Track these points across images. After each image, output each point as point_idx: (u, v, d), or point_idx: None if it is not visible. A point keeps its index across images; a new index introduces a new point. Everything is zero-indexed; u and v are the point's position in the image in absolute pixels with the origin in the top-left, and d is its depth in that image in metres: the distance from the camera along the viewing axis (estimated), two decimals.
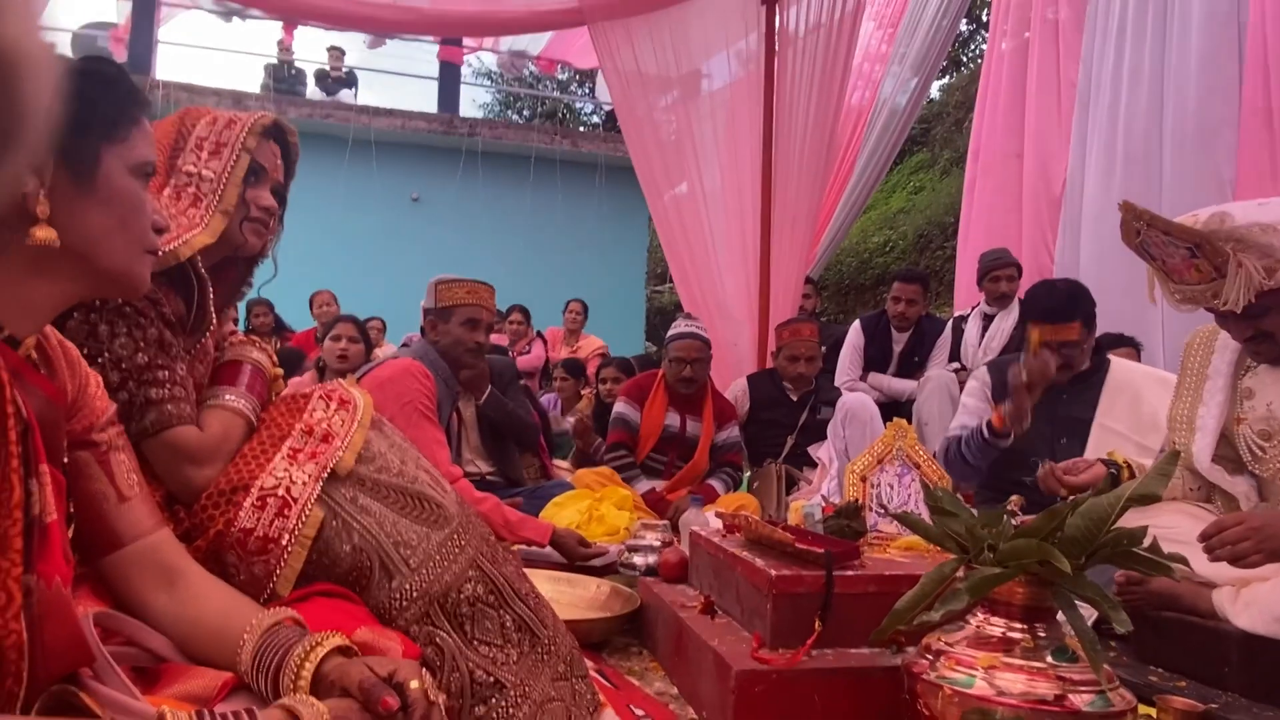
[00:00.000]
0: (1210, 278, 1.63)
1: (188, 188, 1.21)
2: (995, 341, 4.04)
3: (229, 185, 1.22)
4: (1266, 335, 1.67)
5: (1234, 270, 1.59)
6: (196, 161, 1.23)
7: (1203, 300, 1.68)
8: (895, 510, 1.77)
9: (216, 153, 1.23)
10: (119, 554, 0.93)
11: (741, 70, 4.67)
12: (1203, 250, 1.62)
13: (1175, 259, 1.68)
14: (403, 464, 1.26)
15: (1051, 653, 1.11)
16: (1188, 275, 1.68)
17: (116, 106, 0.86)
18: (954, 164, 10.35)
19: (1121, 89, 4.17)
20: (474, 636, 1.19)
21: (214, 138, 1.24)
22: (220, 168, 1.22)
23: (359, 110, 9.10)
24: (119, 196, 0.84)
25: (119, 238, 0.84)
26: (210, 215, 1.21)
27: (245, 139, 1.24)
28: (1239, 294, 1.59)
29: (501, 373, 3.33)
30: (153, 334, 1.12)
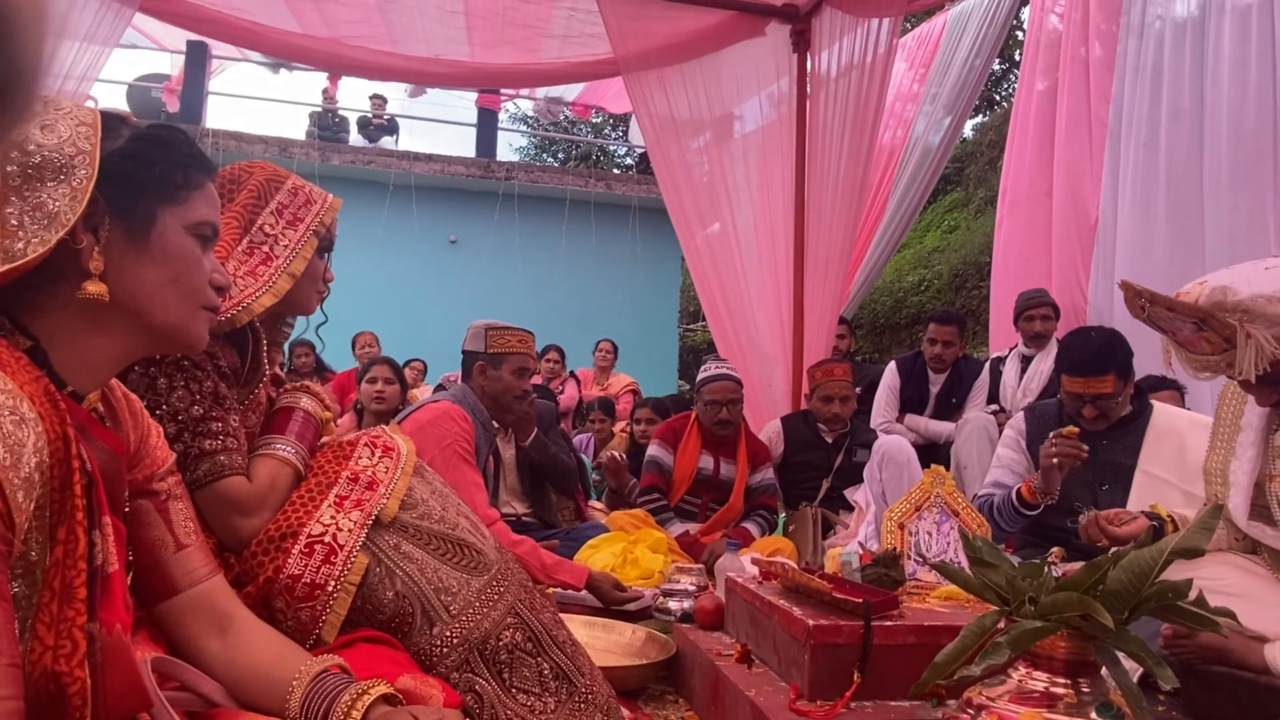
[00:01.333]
0: (1221, 348, 1.61)
1: (262, 246, 1.30)
2: (1034, 383, 3.98)
3: (298, 256, 1.31)
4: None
5: (1243, 341, 1.56)
6: (274, 225, 1.32)
7: (1219, 369, 1.65)
8: (934, 560, 1.75)
9: (293, 224, 1.33)
10: (175, 600, 0.96)
11: (774, 112, 4.73)
12: (1209, 324, 1.60)
13: (1185, 332, 1.66)
14: (444, 510, 1.29)
15: (1096, 709, 1.09)
16: (1199, 346, 1.66)
17: (176, 169, 0.91)
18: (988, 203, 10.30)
19: (1160, 127, 4.15)
20: (512, 684, 1.20)
21: (293, 209, 1.34)
22: (295, 238, 1.32)
23: (400, 156, 9.36)
24: (174, 254, 0.88)
25: (171, 293, 0.88)
26: (278, 277, 1.28)
27: (318, 225, 1.35)
28: (1251, 365, 1.56)
29: (543, 415, 3.37)
30: (208, 387, 1.17)
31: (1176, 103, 4.06)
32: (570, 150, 17.21)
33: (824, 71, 4.42)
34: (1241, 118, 3.72)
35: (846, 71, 4.36)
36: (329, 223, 1.36)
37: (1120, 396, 2.48)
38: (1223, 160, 3.77)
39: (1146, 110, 4.25)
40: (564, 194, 9.64)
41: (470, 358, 2.55)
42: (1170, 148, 4.07)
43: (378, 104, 9.95)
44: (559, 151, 17.63)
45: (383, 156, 9.31)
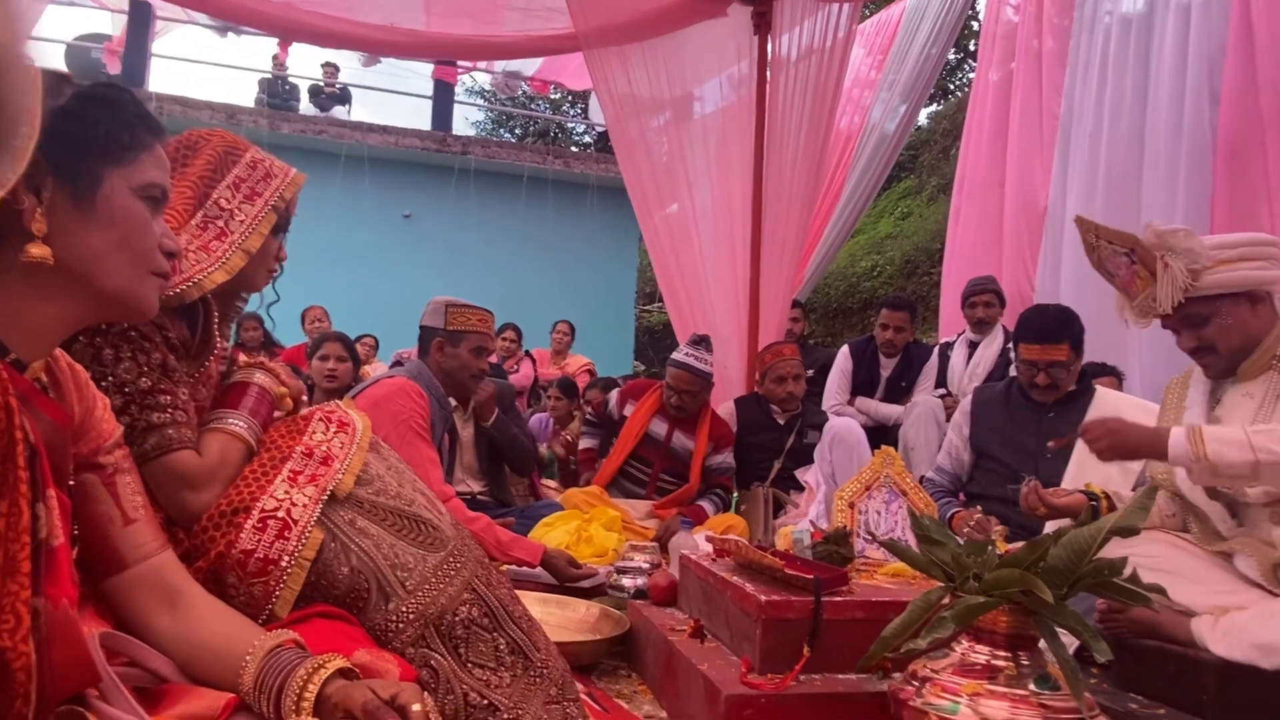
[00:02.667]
0: (1149, 283, 1.78)
1: (217, 220, 1.25)
2: (980, 368, 4.09)
3: (254, 232, 1.27)
4: (1209, 347, 1.80)
5: (1161, 271, 1.74)
6: (230, 200, 1.28)
7: (1149, 309, 1.81)
8: (883, 537, 1.80)
9: (251, 199, 1.29)
10: (122, 575, 0.94)
11: (733, 94, 4.73)
12: (1137, 254, 1.77)
13: (1122, 269, 1.84)
14: (400, 486, 1.28)
15: (1034, 681, 1.13)
16: (1134, 285, 1.83)
17: (123, 129, 0.88)
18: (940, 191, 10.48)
19: (1103, 121, 4.26)
20: (468, 659, 1.21)
21: (251, 183, 1.29)
22: (253, 214, 1.28)
23: (352, 126, 9.15)
24: (121, 217, 0.85)
25: (119, 258, 0.85)
26: (232, 253, 1.25)
27: (277, 200, 1.30)
28: (1169, 294, 1.73)
29: (502, 395, 3.37)
30: (156, 358, 1.14)
31: (1119, 97, 4.17)
32: (528, 126, 17.00)
33: (784, 54, 4.43)
34: (1180, 113, 3.84)
35: (806, 55, 4.38)
36: (289, 198, 1.32)
37: (1071, 366, 2.63)
38: (1161, 155, 3.89)
39: (1093, 104, 4.36)
40: (521, 170, 9.54)
41: (428, 333, 2.53)
42: (1111, 141, 4.19)
43: (330, 72, 9.70)
44: (516, 127, 17.40)
45: (335, 127, 9.10)
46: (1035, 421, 2.71)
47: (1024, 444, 2.70)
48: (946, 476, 2.90)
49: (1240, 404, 1.82)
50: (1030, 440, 2.69)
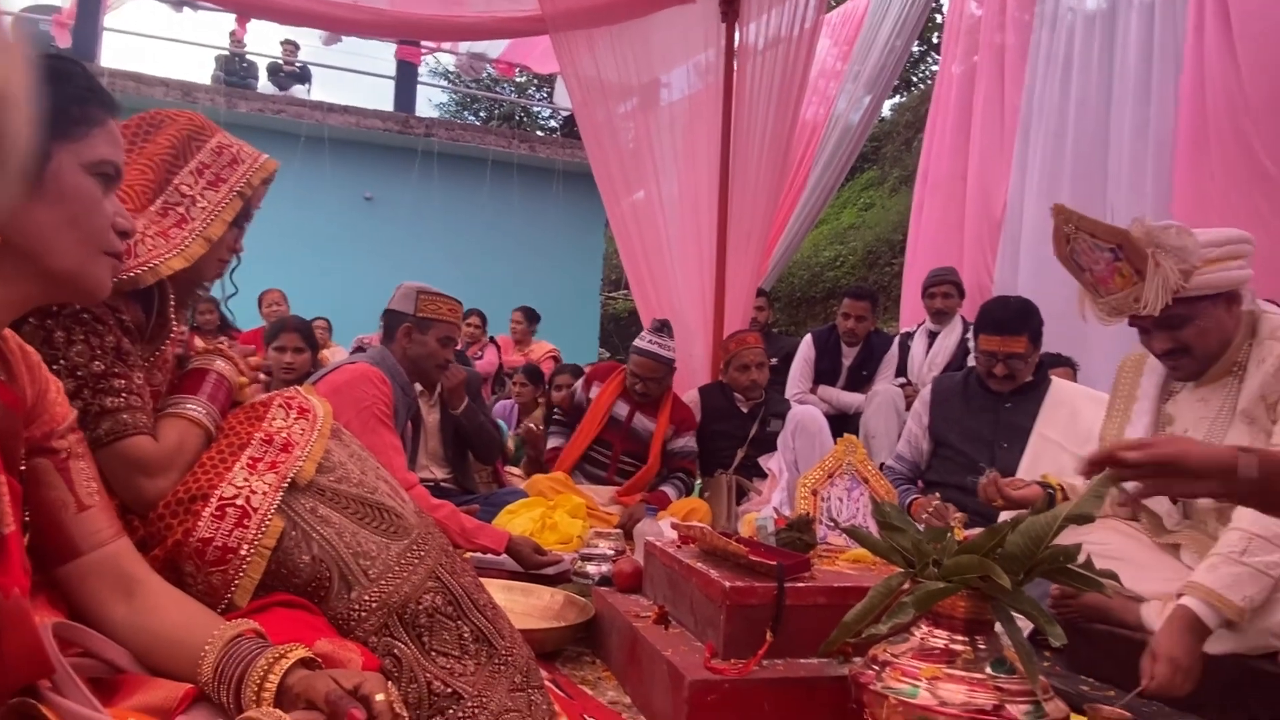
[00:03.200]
0: (1132, 282, 1.70)
1: (177, 207, 1.21)
2: (939, 358, 4.15)
3: (217, 220, 1.24)
4: (1184, 349, 1.75)
5: (1152, 270, 1.65)
6: (193, 185, 1.24)
7: (1126, 308, 1.74)
8: (845, 524, 1.82)
9: (215, 185, 1.25)
10: (77, 563, 0.92)
11: (700, 82, 4.73)
12: (1124, 252, 1.68)
13: (1100, 265, 1.75)
14: (363, 474, 1.27)
15: (991, 664, 1.16)
16: (1112, 282, 1.74)
17: (74, 103, 0.85)
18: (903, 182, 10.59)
19: (1068, 117, 4.33)
20: (432, 647, 1.20)
21: (216, 169, 1.25)
22: (216, 200, 1.24)
23: (312, 106, 8.96)
24: (71, 195, 0.83)
25: (69, 236, 0.83)
26: (192, 240, 1.21)
27: (244, 186, 1.26)
28: (1158, 294, 1.66)
29: (469, 383, 3.34)
30: (110, 341, 1.11)
31: (1084, 94, 4.25)
32: (493, 109, 16.81)
33: (751, 43, 4.44)
34: (1144, 111, 3.92)
35: (773, 44, 4.38)
36: (257, 184, 1.28)
37: (1029, 358, 2.68)
38: (1125, 152, 3.97)
39: (1056, 100, 4.43)
40: (486, 154, 9.43)
41: (396, 318, 2.50)
42: (1077, 138, 4.26)
43: (289, 50, 9.49)
44: (481, 110, 17.20)
45: (294, 106, 8.91)
46: (992, 411, 2.77)
47: (981, 433, 2.75)
48: (906, 464, 2.95)
49: (1194, 408, 1.83)
50: (987, 430, 2.75)
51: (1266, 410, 1.70)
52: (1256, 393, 1.71)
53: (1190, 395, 1.86)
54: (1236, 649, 1.57)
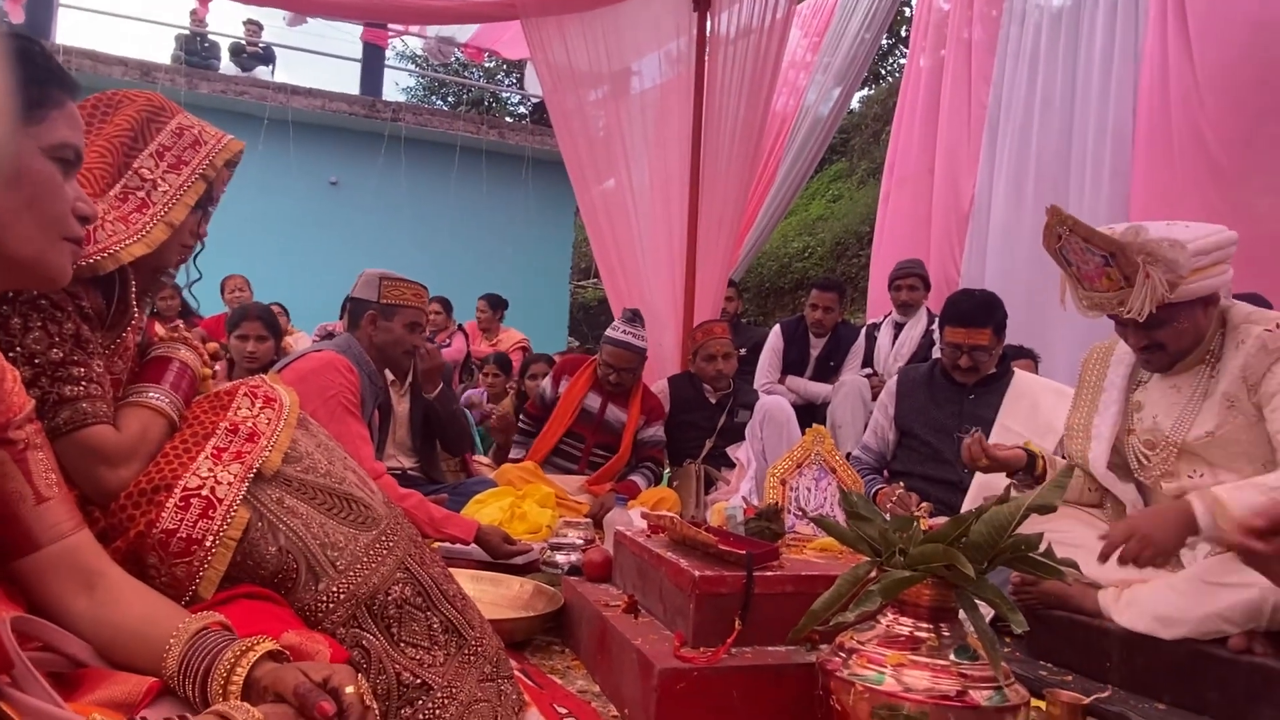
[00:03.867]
0: (1119, 286, 1.74)
1: (138, 191, 1.18)
2: (905, 349, 4.21)
3: (179, 204, 1.21)
4: (1159, 346, 1.81)
5: (1141, 280, 1.70)
6: (153, 169, 1.20)
7: (1109, 307, 1.80)
8: (813, 514, 1.84)
9: (176, 168, 1.21)
10: (36, 557, 0.90)
11: (672, 71, 4.71)
12: (1116, 260, 1.72)
13: (1089, 266, 1.79)
14: (330, 464, 1.25)
15: (954, 651, 1.18)
16: (1099, 282, 1.79)
17: (33, 85, 0.83)
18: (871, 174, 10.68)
19: (1034, 114, 4.40)
20: (401, 638, 1.19)
21: (177, 151, 1.22)
22: (177, 184, 1.21)
23: (276, 88, 8.79)
24: (29, 179, 0.81)
25: (28, 221, 0.81)
26: (153, 225, 1.18)
27: (207, 168, 1.23)
28: (1144, 304, 1.70)
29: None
30: (69, 329, 1.08)
31: (1049, 90, 4.31)
32: (461, 94, 16.62)
33: (723, 33, 4.44)
34: (1106, 108, 3.99)
35: (744, 34, 4.39)
36: (220, 165, 1.25)
37: (993, 350, 2.73)
38: (1089, 148, 4.04)
39: (1023, 96, 4.49)
40: (454, 140, 9.32)
41: (360, 306, 2.47)
42: (1042, 134, 4.33)
43: (252, 31, 9.28)
44: (449, 95, 17.00)
45: (257, 88, 8.72)
46: (956, 402, 2.82)
47: (945, 424, 2.80)
48: (872, 455, 2.99)
49: (1165, 395, 1.87)
50: (951, 420, 2.80)
51: (1248, 391, 1.74)
52: (1237, 374, 1.75)
53: (1161, 382, 1.90)
54: (1189, 634, 1.62)
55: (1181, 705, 1.60)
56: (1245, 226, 3.22)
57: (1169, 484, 1.86)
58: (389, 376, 3.13)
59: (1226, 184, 3.42)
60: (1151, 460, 1.89)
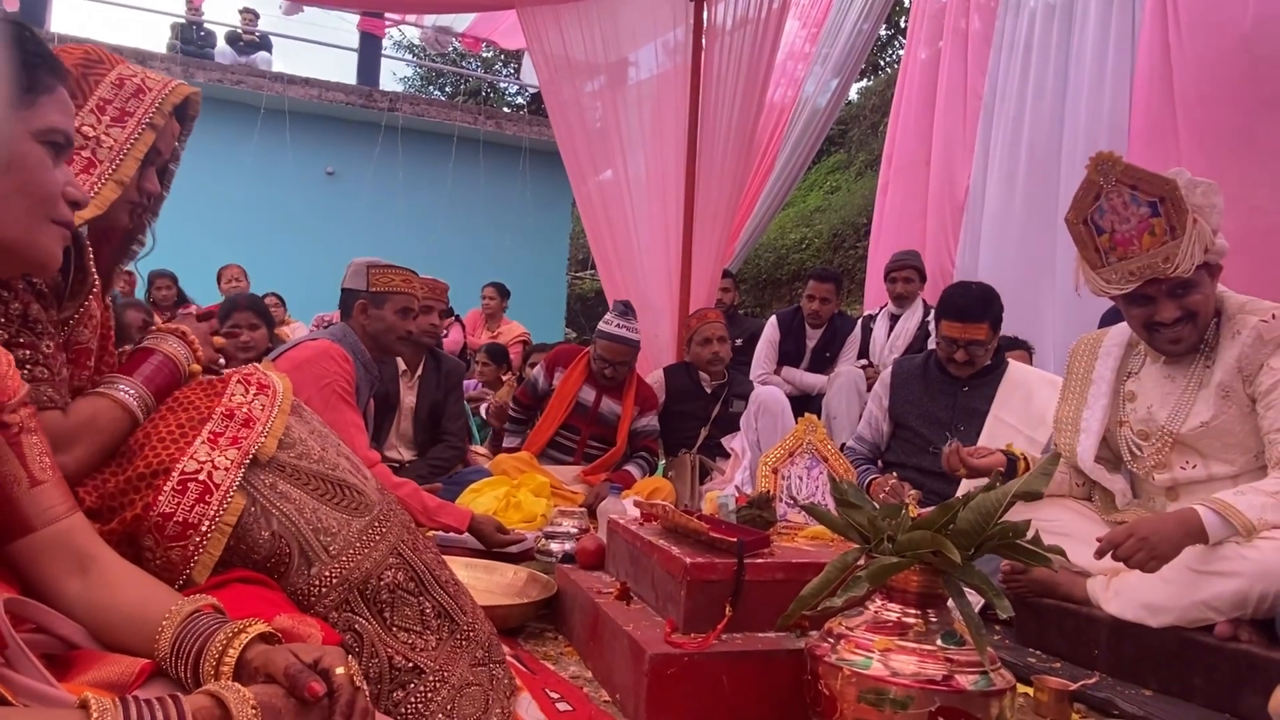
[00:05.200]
0: (1162, 241, 1.67)
1: (81, 150, 1.12)
2: (900, 340, 4.22)
3: (128, 158, 1.15)
4: (1191, 316, 1.74)
5: (1191, 228, 1.63)
6: (96, 125, 1.14)
7: (1150, 270, 1.69)
8: (804, 502, 1.85)
9: (120, 120, 1.15)
10: (30, 539, 0.90)
11: (669, 62, 4.71)
12: (1165, 206, 1.65)
13: (1130, 224, 1.71)
14: (323, 450, 1.26)
15: (941, 636, 1.20)
16: (1138, 242, 1.70)
17: (23, 70, 0.83)
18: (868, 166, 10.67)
19: (1026, 103, 4.40)
20: (393, 623, 1.20)
21: (119, 103, 1.16)
22: (122, 138, 1.15)
23: (273, 78, 8.75)
24: (19, 163, 0.82)
25: (17, 205, 0.82)
26: (102, 185, 1.13)
27: (154, 116, 1.17)
28: (1194, 254, 1.63)
29: (451, 373, 3.34)
30: (16, 309, 1.05)
31: (1042, 81, 4.31)
32: (458, 84, 16.56)
33: (719, 23, 4.43)
34: (1099, 99, 3.99)
35: (741, 25, 4.38)
36: (167, 112, 1.17)
37: (989, 344, 2.74)
38: (1080, 139, 4.04)
39: (1016, 86, 4.48)
40: (451, 130, 9.30)
41: (350, 296, 2.47)
42: (1034, 124, 4.32)
43: (248, 19, 9.25)
44: (446, 85, 16.94)
45: (254, 77, 8.69)
46: (950, 395, 2.82)
47: (939, 416, 2.81)
48: (866, 445, 3.00)
49: (1160, 385, 1.87)
50: (945, 413, 2.80)
51: (1243, 383, 1.74)
52: (1233, 365, 1.74)
53: (1156, 372, 1.89)
54: (1176, 621, 1.63)
55: (1168, 692, 1.62)
56: (1243, 219, 3.24)
57: (1161, 475, 1.87)
58: (400, 367, 3.14)
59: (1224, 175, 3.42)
60: (1144, 451, 1.90)
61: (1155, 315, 1.78)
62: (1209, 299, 1.75)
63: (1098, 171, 1.75)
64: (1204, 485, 1.80)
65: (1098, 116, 3.95)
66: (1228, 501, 1.59)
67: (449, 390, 3.31)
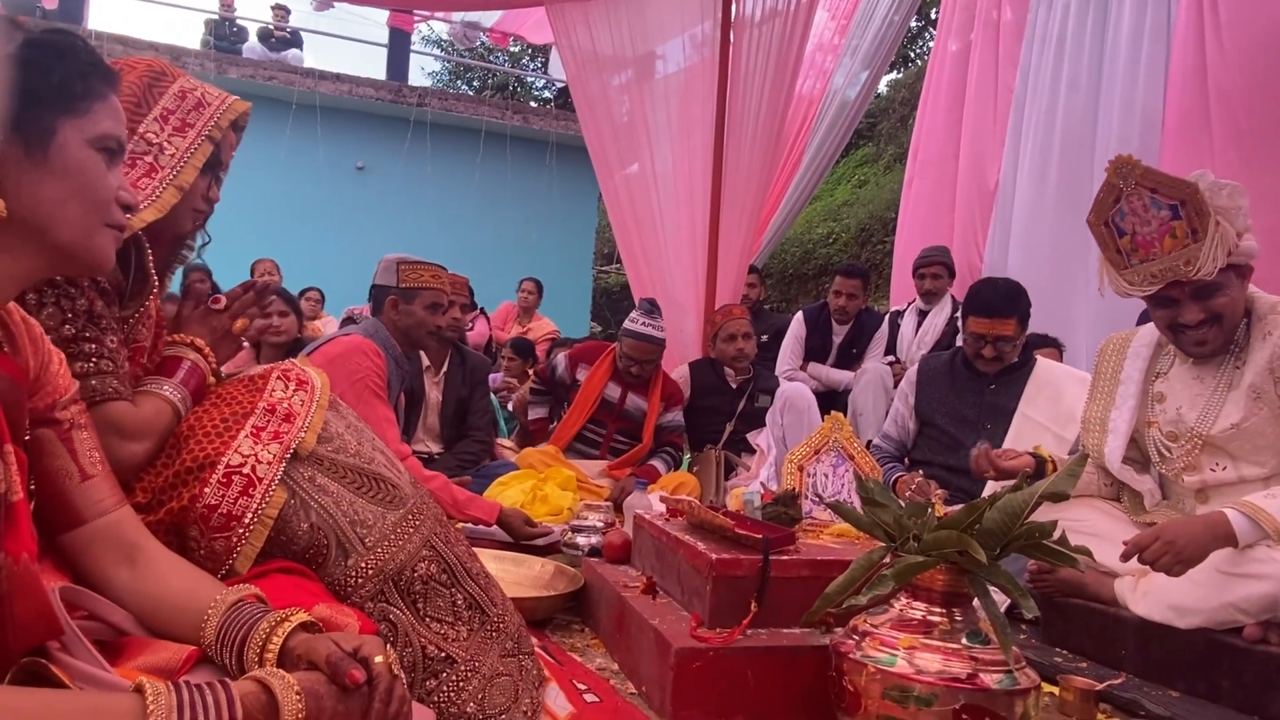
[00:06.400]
0: (1185, 244, 1.65)
1: (144, 156, 1.18)
2: (928, 337, 4.19)
3: (188, 166, 1.21)
4: (1216, 318, 1.72)
5: (1213, 231, 1.61)
6: (159, 133, 1.20)
7: (1171, 273, 1.68)
8: (829, 500, 1.86)
9: (182, 130, 1.22)
10: (80, 531, 0.94)
11: (696, 55, 4.70)
12: (1186, 209, 1.63)
13: (1150, 226, 1.69)
14: (359, 444, 1.29)
15: (966, 635, 1.20)
16: (1159, 245, 1.68)
17: (75, 78, 0.86)
18: (897, 160, 10.57)
19: (1059, 97, 4.34)
20: (426, 614, 1.24)
21: (181, 114, 1.22)
22: (184, 146, 1.21)
23: (304, 73, 8.86)
24: (75, 169, 0.84)
25: (74, 210, 0.84)
26: (163, 189, 1.19)
27: (213, 130, 1.24)
28: (1215, 257, 1.61)
29: (476, 368, 3.38)
30: (82, 305, 1.10)
31: (1075, 74, 4.25)
32: (486, 79, 16.63)
33: (747, 15, 4.41)
34: (1133, 92, 3.93)
35: (770, 17, 4.36)
36: (225, 126, 1.25)
37: (1017, 340, 2.71)
38: (1114, 131, 3.98)
39: (1049, 79, 4.43)
40: (479, 124, 9.35)
41: (381, 292, 2.51)
42: (1066, 118, 4.27)
43: (280, 15, 9.36)
44: (474, 80, 17.02)
45: (285, 73, 8.80)
46: (977, 393, 2.80)
47: (965, 414, 2.78)
48: (892, 443, 2.99)
49: (1189, 386, 1.85)
50: (971, 411, 2.78)
51: (1275, 384, 1.71)
52: (1264, 366, 1.72)
53: (1185, 373, 1.87)
54: (1204, 623, 1.62)
55: (1195, 693, 1.61)
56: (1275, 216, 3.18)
57: (1190, 477, 1.85)
58: (424, 362, 3.19)
59: (1257, 172, 3.36)
60: (1173, 453, 1.88)
61: (1179, 317, 1.76)
62: (1236, 301, 1.72)
63: (1117, 175, 1.73)
64: (1234, 487, 1.78)
65: (1131, 110, 3.89)
66: (1257, 505, 1.57)
67: (474, 385, 3.34)
